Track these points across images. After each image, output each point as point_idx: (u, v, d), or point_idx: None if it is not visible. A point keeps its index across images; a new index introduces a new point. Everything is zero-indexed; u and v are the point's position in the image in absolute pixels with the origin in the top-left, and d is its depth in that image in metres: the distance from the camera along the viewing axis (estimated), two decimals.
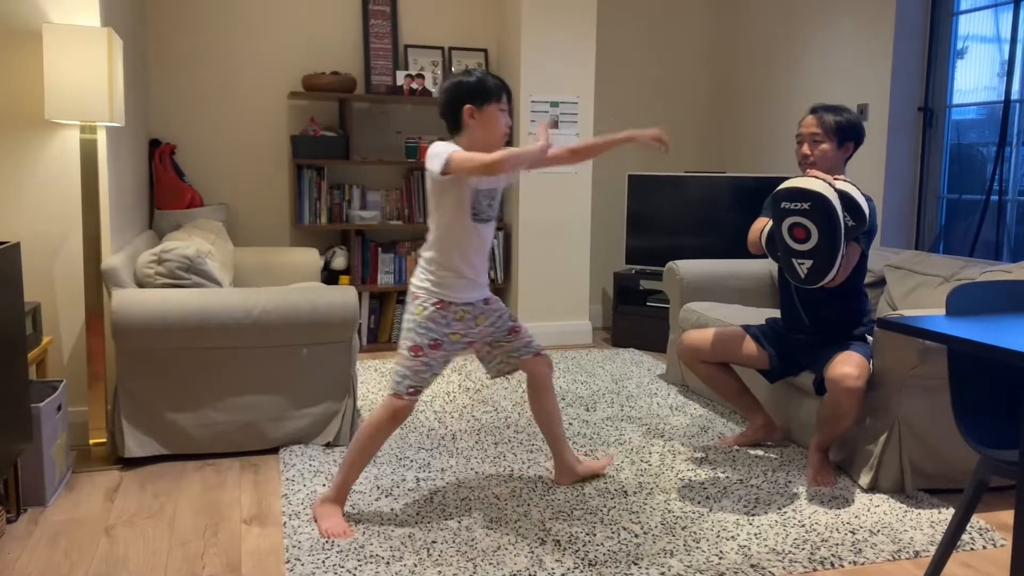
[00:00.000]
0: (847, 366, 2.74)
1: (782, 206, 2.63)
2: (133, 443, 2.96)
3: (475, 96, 2.48)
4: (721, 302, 4.02)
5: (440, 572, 2.22)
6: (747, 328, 3.18)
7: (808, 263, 2.62)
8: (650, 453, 3.15)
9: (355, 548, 2.35)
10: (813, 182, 2.59)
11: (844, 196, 2.60)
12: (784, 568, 2.28)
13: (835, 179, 2.66)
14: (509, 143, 2.60)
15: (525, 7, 4.83)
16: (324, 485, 2.78)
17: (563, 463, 2.84)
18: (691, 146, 5.83)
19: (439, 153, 2.39)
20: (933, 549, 2.39)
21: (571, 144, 2.69)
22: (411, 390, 2.49)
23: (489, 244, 2.61)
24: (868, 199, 2.83)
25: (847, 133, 2.88)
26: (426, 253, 2.55)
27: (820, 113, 2.91)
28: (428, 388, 2.61)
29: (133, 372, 2.96)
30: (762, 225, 2.91)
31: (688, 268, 4.15)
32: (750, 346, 3.12)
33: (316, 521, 2.50)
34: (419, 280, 2.55)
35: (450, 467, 2.98)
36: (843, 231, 2.57)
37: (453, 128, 2.54)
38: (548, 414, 2.80)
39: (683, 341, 3.26)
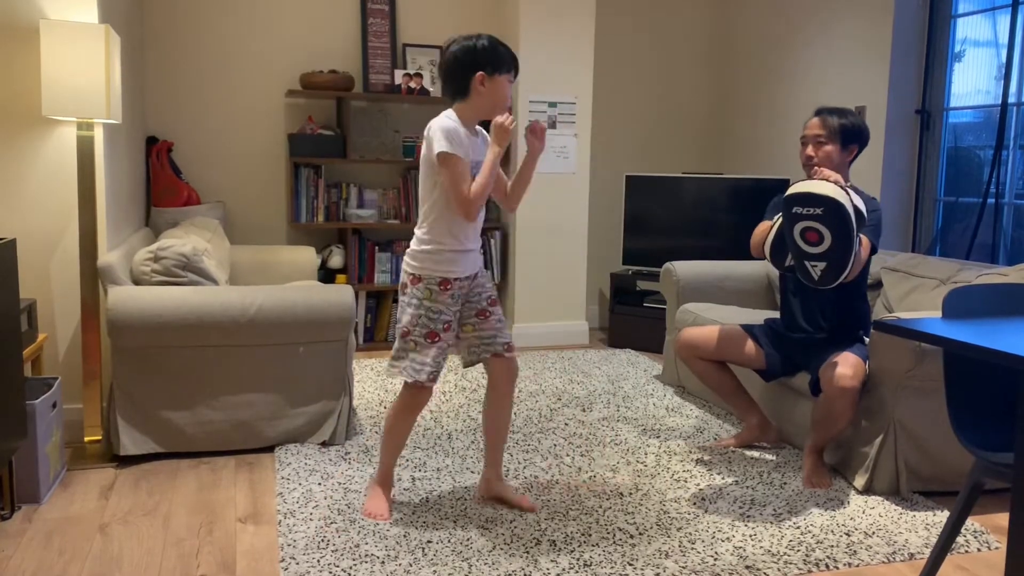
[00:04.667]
0: (842, 367, 2.75)
1: (794, 211, 2.61)
2: (128, 441, 2.95)
3: (488, 63, 2.37)
4: (718, 303, 4.02)
5: (435, 572, 2.22)
6: (746, 327, 3.18)
7: (822, 265, 2.61)
8: (646, 454, 3.15)
9: (350, 547, 2.34)
10: (825, 186, 2.57)
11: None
12: (779, 569, 2.28)
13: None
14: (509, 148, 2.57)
15: (523, 7, 4.83)
16: (319, 484, 2.78)
17: (487, 476, 2.70)
18: (689, 147, 5.83)
19: (450, 138, 2.32)
20: (928, 551, 2.40)
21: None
22: (432, 376, 2.47)
23: (482, 216, 2.55)
24: (873, 199, 2.85)
25: (851, 136, 2.89)
26: (423, 235, 2.45)
27: (824, 115, 2.91)
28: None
29: (129, 370, 2.95)
30: (765, 230, 2.90)
31: (685, 269, 4.15)
32: (748, 345, 3.13)
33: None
34: (417, 261, 2.45)
35: (446, 467, 2.98)
36: (856, 232, 2.57)
37: (457, 93, 2.42)
38: (496, 426, 2.65)
39: (681, 337, 3.26)
